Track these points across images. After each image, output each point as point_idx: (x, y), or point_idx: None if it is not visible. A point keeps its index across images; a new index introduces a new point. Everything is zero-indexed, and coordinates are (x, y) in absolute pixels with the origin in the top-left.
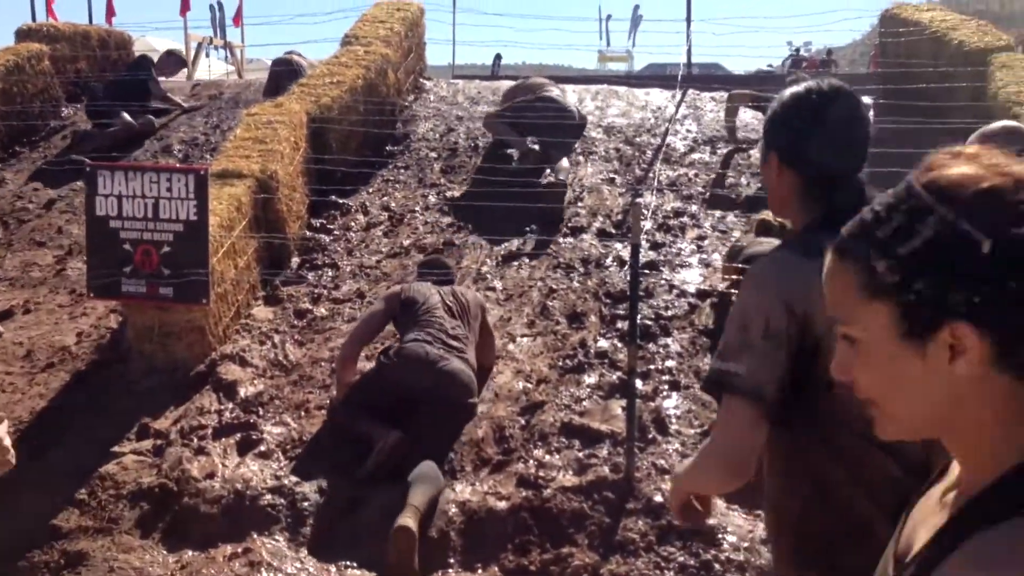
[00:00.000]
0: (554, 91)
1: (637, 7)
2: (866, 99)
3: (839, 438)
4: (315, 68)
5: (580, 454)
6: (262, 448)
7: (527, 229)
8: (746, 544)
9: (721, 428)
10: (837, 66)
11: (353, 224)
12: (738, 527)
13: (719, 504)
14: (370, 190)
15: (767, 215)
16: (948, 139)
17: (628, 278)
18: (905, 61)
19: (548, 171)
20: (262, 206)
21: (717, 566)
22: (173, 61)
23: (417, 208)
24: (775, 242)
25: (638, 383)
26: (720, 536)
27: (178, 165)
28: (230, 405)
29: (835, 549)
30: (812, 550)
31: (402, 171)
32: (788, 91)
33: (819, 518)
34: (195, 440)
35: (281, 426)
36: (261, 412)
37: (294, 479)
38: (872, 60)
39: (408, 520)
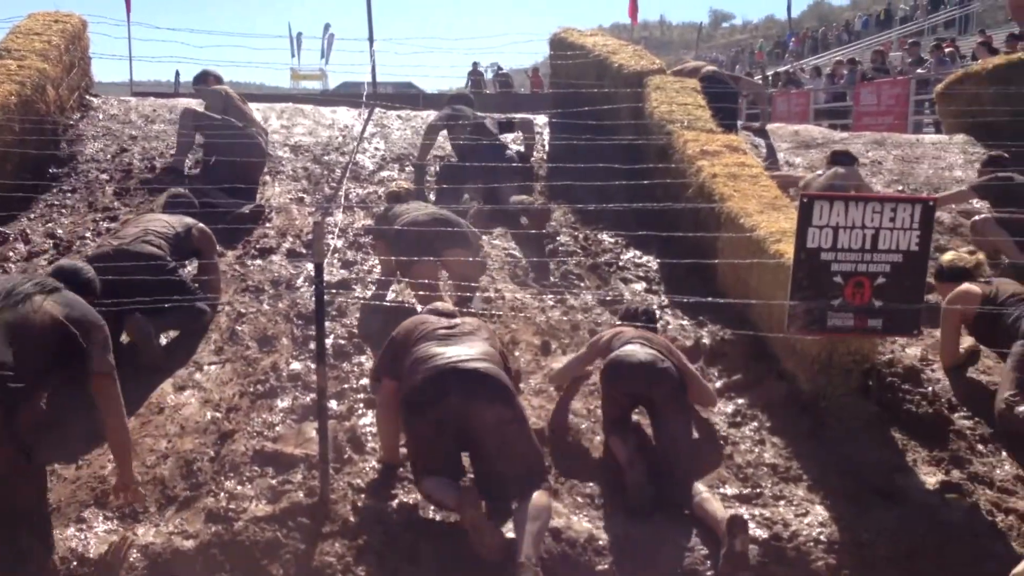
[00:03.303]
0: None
1: (328, 25)
2: (542, 118)
3: None
4: None
5: (274, 481)
6: None
7: None
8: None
9: None
10: (511, 84)
11: (12, 253)
12: None
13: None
14: (31, 216)
15: (396, 185)
16: (614, 153)
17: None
18: (575, 82)
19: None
20: None
21: None
22: None
23: (88, 234)
24: (428, 207)
25: (332, 403)
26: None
27: None
28: None
29: None
30: None
31: (69, 195)
32: None
33: None
34: None
35: None
36: None
37: None
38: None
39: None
